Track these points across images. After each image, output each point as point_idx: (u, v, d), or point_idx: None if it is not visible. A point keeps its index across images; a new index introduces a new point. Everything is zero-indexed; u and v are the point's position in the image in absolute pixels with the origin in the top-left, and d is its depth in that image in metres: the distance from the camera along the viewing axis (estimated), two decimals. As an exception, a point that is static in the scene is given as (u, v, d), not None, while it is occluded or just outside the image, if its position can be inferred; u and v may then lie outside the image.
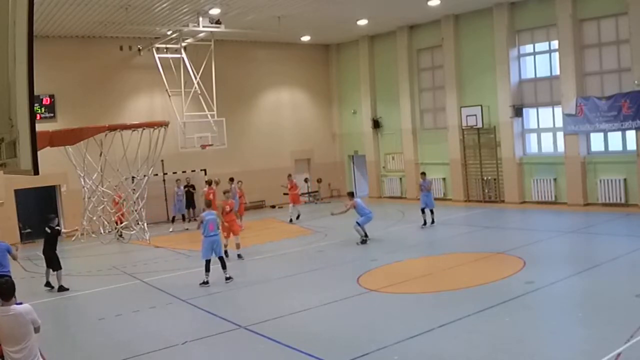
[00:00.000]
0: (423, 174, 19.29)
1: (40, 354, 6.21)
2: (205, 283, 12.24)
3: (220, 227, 13.09)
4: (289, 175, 21.97)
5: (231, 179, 20.36)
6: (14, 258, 10.90)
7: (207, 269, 12.33)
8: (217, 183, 19.62)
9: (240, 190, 20.14)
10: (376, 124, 26.51)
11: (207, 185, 19.56)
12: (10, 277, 7.69)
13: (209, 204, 13.22)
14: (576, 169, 19.43)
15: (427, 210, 17.87)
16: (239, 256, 14.86)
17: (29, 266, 16.15)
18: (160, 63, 21.86)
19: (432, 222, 17.85)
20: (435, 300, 10.15)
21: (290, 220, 20.83)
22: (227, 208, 14.97)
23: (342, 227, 18.86)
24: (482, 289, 10.36)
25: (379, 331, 8.57)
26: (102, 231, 17.89)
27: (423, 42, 24.43)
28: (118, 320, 10.36)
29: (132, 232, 18.08)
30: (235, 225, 15.33)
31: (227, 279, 12.42)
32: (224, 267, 12.51)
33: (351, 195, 17.07)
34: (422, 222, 17.82)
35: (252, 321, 9.43)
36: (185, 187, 22.30)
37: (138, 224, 18.39)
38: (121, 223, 18.33)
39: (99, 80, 22.02)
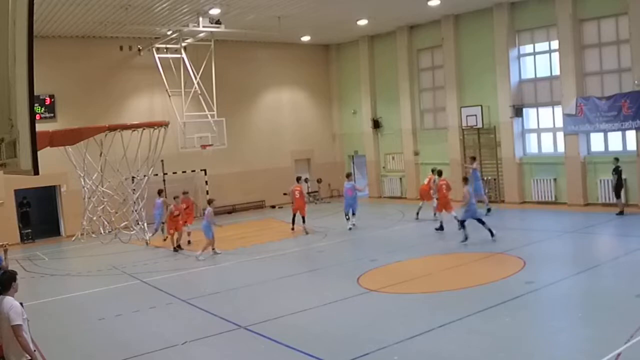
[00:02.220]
0: (473, 157, 20.27)
1: (41, 355, 6.22)
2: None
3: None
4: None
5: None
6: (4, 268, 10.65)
7: None
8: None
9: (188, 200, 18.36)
10: (376, 124, 26.51)
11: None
12: None
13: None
14: (576, 169, 19.42)
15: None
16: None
17: (29, 266, 16.17)
18: (160, 63, 21.85)
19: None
20: (435, 300, 10.15)
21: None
22: (176, 212, 16.78)
23: (342, 227, 18.87)
24: (482, 289, 10.36)
25: (379, 331, 8.57)
26: (102, 231, 17.89)
27: (423, 42, 24.43)
28: (118, 320, 10.36)
29: (132, 232, 18.08)
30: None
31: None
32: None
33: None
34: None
35: (252, 321, 9.44)
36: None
37: (138, 224, 18.38)
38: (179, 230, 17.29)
39: (99, 80, 22.01)
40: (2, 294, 6.00)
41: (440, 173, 18.09)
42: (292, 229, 18.83)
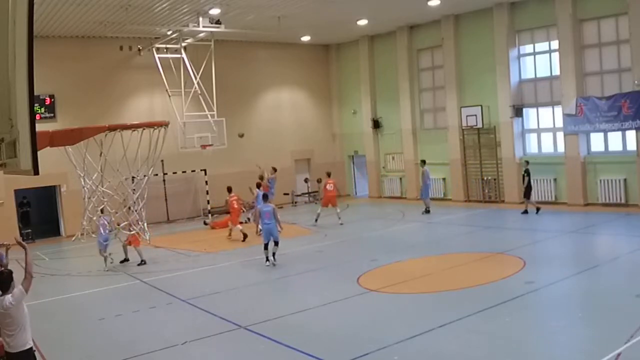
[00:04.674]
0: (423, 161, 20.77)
1: (41, 355, 6.28)
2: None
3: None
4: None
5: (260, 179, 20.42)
6: (5, 267, 10.64)
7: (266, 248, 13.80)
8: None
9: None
10: (376, 124, 26.51)
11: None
12: None
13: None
14: (576, 169, 19.43)
15: None
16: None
17: (29, 266, 16.12)
18: (160, 63, 21.84)
19: None
20: (435, 300, 10.15)
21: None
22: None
23: (342, 227, 18.88)
24: (482, 289, 10.36)
25: (379, 331, 8.57)
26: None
27: (423, 42, 24.43)
28: (118, 320, 10.36)
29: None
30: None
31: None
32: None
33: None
34: None
35: (252, 321, 9.44)
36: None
37: (138, 224, 18.35)
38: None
39: (99, 80, 22.01)
40: (4, 292, 6.11)
41: (329, 174, 20.70)
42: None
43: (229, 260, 15.20)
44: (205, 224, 21.69)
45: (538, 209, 18.62)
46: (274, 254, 13.84)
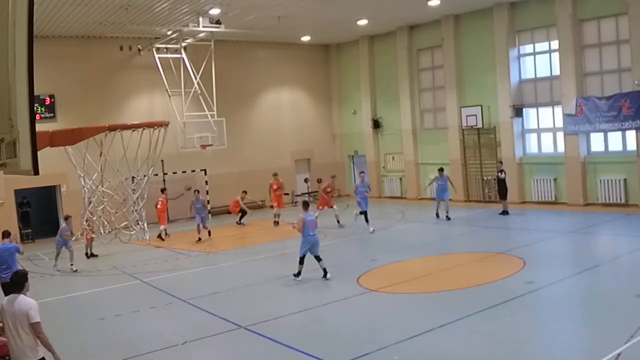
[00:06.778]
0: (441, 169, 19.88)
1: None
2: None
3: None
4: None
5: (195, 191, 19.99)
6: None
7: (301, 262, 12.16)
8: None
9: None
10: (376, 124, 26.51)
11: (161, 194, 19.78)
12: None
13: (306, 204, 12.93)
14: (576, 169, 19.42)
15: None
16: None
17: (29, 266, 16.15)
18: (160, 63, 21.85)
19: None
20: (435, 300, 10.15)
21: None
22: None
23: (342, 227, 18.86)
24: (482, 289, 10.36)
25: (379, 331, 8.57)
26: (102, 231, 17.87)
27: (423, 42, 24.43)
28: (118, 320, 10.36)
29: (132, 232, 18.07)
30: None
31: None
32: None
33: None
34: None
35: (252, 321, 9.44)
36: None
37: (138, 224, 18.37)
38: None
39: (99, 80, 22.00)
40: (17, 292, 6.02)
41: (319, 180, 20.84)
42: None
43: (229, 260, 15.21)
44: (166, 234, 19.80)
45: (506, 212, 18.89)
46: (325, 270, 12.07)
